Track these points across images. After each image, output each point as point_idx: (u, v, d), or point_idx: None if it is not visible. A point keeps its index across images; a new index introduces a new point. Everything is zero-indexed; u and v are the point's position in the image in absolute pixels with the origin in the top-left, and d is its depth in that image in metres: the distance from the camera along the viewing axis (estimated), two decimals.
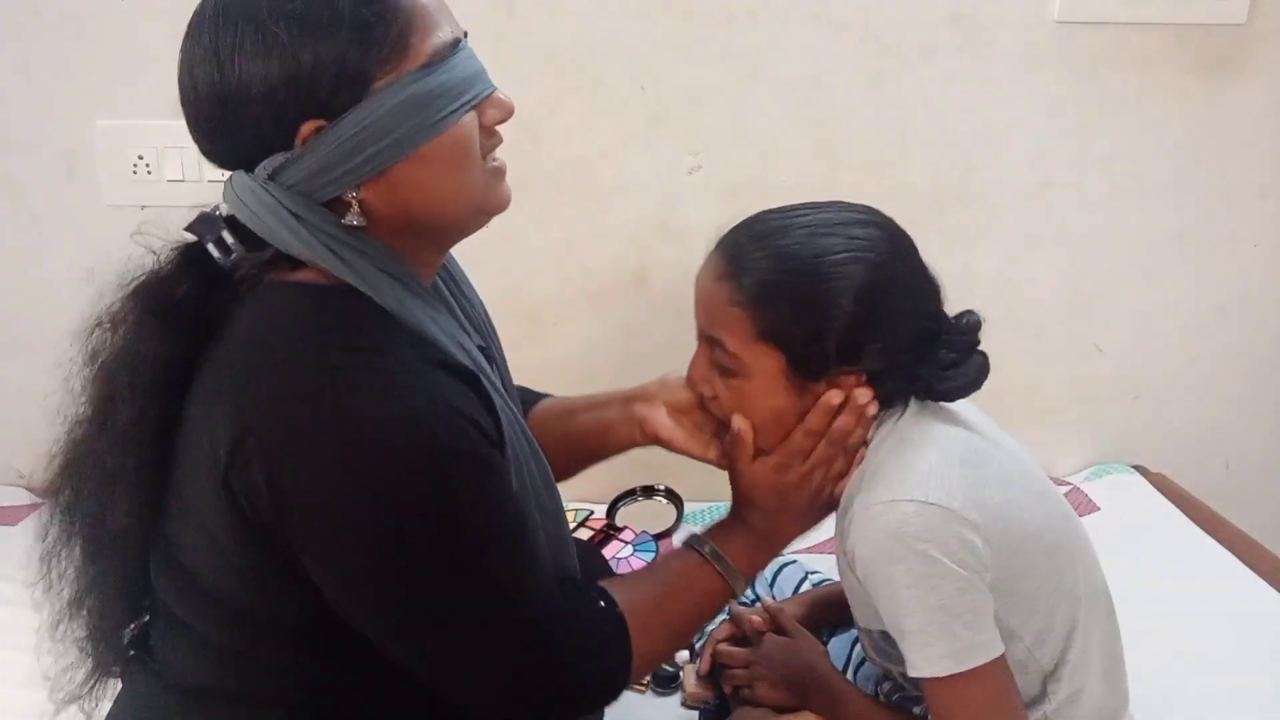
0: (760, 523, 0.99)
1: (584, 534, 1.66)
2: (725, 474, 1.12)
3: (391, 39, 0.78)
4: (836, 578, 1.36)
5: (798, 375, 0.92)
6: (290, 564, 0.79)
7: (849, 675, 1.19)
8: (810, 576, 1.37)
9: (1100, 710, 0.97)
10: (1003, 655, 0.88)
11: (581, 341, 1.80)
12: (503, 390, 0.95)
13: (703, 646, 1.26)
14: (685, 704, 1.25)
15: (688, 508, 1.75)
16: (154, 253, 0.84)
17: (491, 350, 1.01)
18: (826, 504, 0.99)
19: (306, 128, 0.78)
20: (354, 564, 0.78)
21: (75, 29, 1.64)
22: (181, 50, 0.81)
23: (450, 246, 0.93)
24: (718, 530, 1.00)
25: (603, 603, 0.90)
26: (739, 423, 0.97)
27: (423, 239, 0.86)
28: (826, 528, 1.67)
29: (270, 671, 0.86)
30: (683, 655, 1.33)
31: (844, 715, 1.04)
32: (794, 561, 1.41)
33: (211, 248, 0.83)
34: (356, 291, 0.80)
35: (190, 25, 0.80)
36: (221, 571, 0.82)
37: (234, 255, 0.82)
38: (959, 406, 0.98)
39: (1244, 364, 1.91)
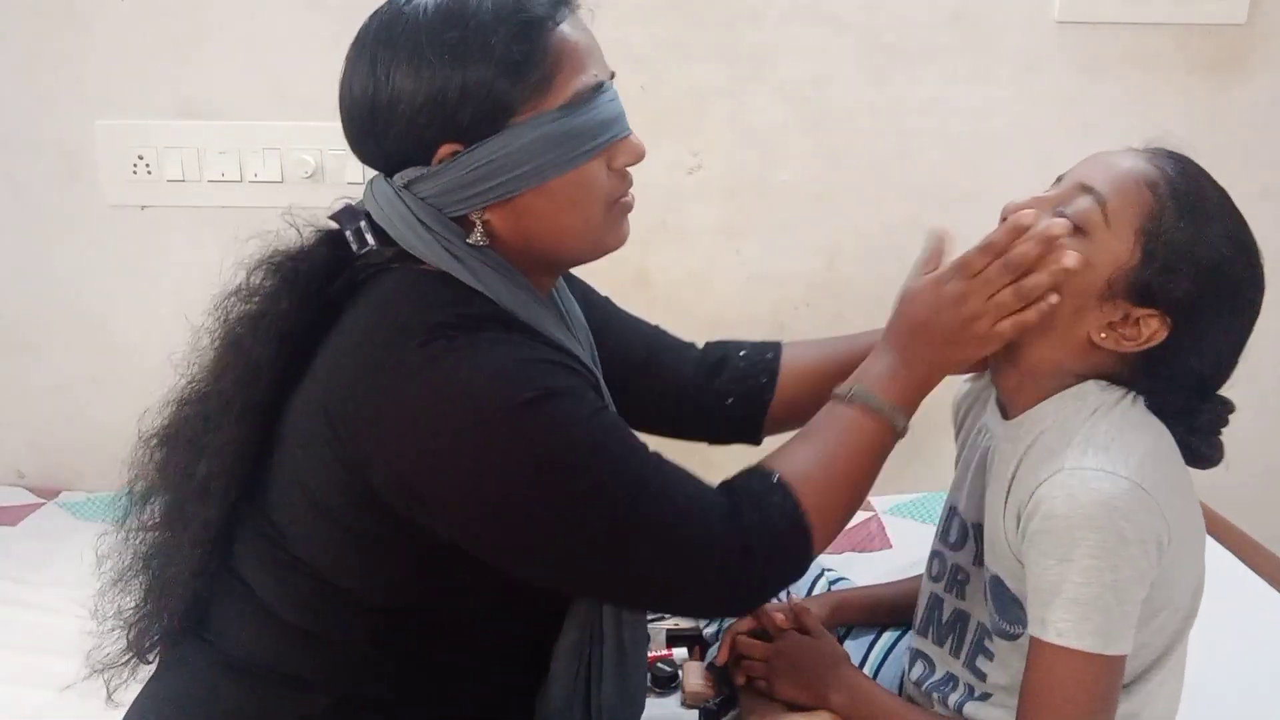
0: (898, 339, 0.91)
1: None
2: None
3: (537, 78, 0.82)
4: (850, 576, 1.36)
5: (1124, 282, 0.87)
6: (399, 531, 0.82)
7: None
8: (826, 574, 1.37)
9: None
10: (1125, 657, 0.87)
11: None
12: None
13: (714, 636, 1.26)
14: (685, 703, 1.25)
15: None
16: (299, 231, 0.91)
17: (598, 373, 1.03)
18: (981, 339, 0.88)
19: (444, 149, 0.83)
20: (489, 521, 0.80)
21: (76, 29, 1.64)
22: (346, 59, 0.87)
23: (565, 270, 0.98)
24: (864, 366, 0.92)
25: (764, 478, 0.88)
26: (937, 231, 0.93)
27: (538, 263, 0.91)
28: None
29: (330, 654, 0.88)
30: (681, 654, 1.33)
31: (868, 713, 1.04)
32: None
33: (349, 236, 0.89)
34: (470, 286, 0.85)
35: (357, 38, 0.86)
36: (321, 538, 0.85)
37: (367, 247, 0.88)
38: None
39: (1244, 364, 1.90)
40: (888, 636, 1.22)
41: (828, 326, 1.91)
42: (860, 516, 1.74)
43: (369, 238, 0.88)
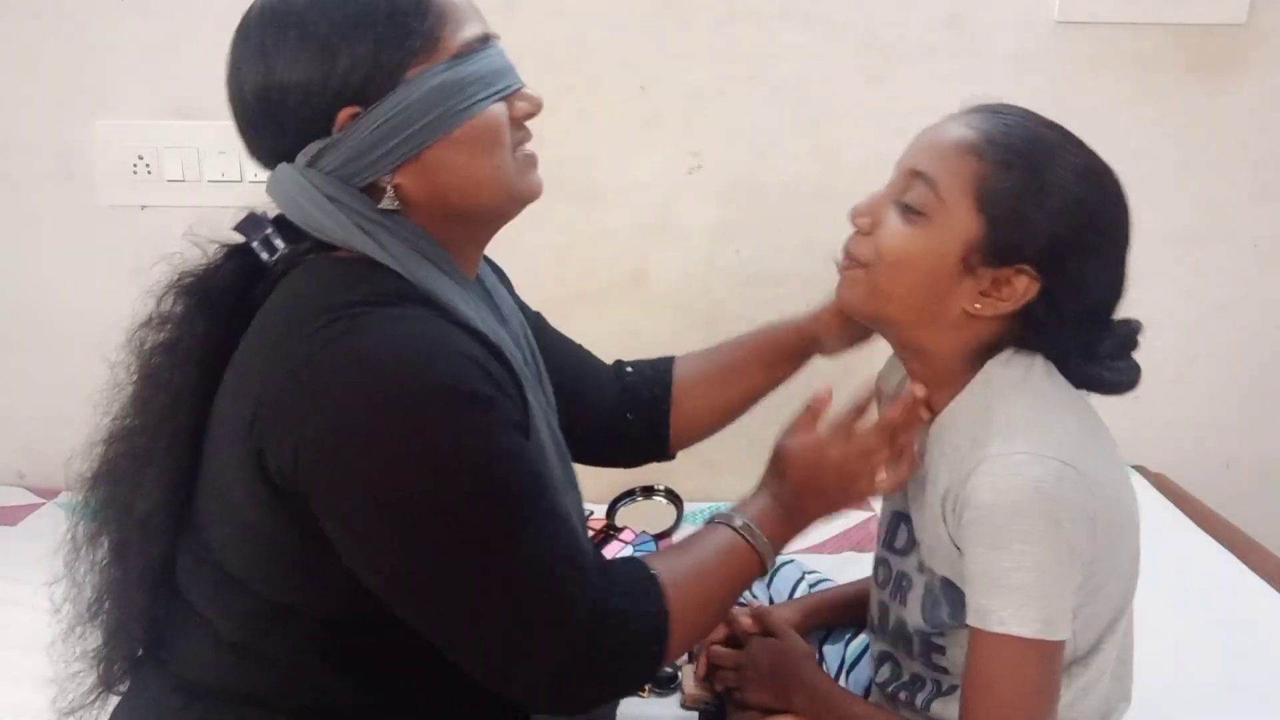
0: (785, 496, 0.96)
1: None
2: (725, 476, 1.12)
3: (423, 32, 0.83)
4: (833, 578, 1.37)
5: (980, 252, 0.87)
6: (317, 536, 0.80)
7: (843, 679, 1.19)
8: (807, 576, 1.37)
9: (1104, 704, 0.97)
10: (1065, 641, 0.87)
11: (580, 341, 1.79)
12: (539, 388, 0.96)
13: (701, 648, 1.26)
14: (684, 705, 1.25)
15: (687, 507, 1.75)
16: (203, 251, 0.89)
17: (524, 346, 1.01)
18: (860, 494, 0.95)
19: (343, 115, 0.82)
20: (360, 511, 0.78)
21: (74, 29, 1.64)
22: (230, 52, 0.86)
23: (487, 236, 0.95)
24: (746, 504, 0.97)
25: (642, 573, 0.86)
26: (822, 391, 0.97)
27: (458, 225, 0.89)
28: (827, 526, 1.68)
29: (282, 672, 0.86)
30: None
31: (828, 716, 1.04)
32: (791, 561, 1.41)
33: (257, 247, 0.87)
34: (385, 266, 0.83)
35: (239, 28, 0.86)
36: (247, 553, 0.84)
37: (279, 253, 0.87)
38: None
39: (1243, 364, 1.90)
40: (863, 637, 1.22)
41: None
42: (859, 516, 1.74)
43: (277, 243, 0.86)
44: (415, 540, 0.78)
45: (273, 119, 0.84)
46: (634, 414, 1.13)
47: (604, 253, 1.77)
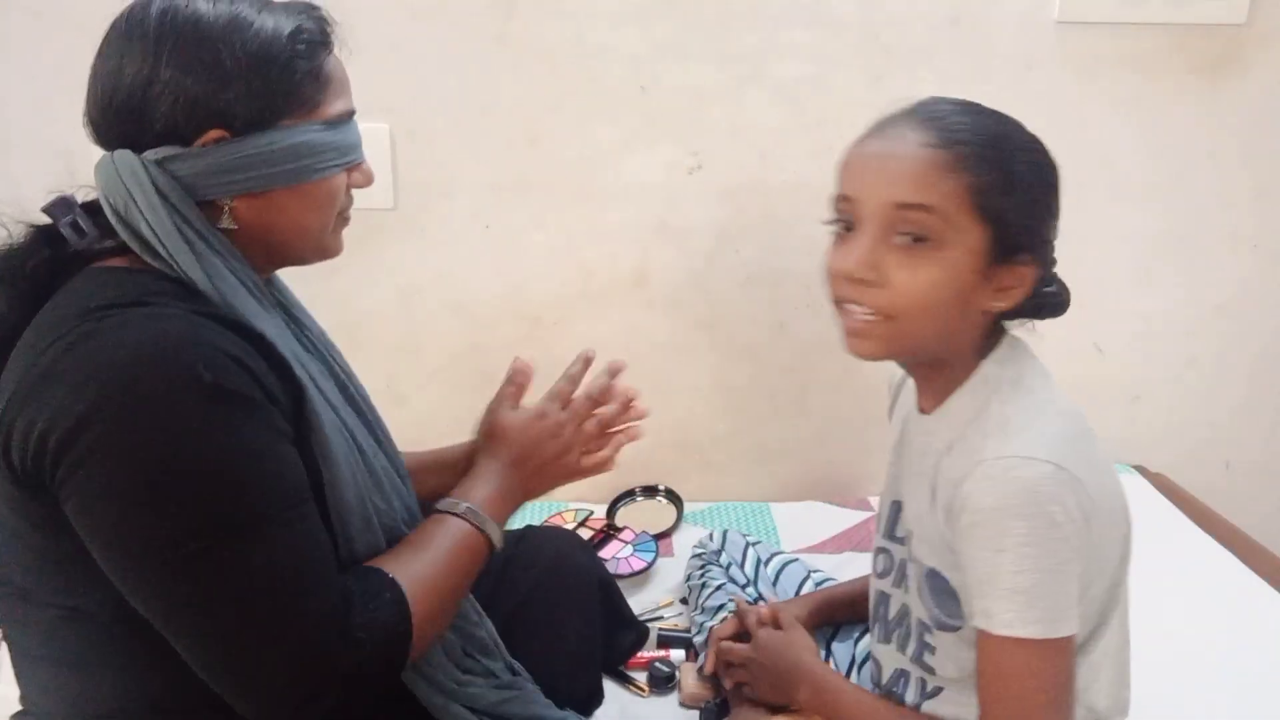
0: (503, 473, 1.01)
1: (585, 534, 1.66)
2: (725, 477, 1.12)
3: (309, 93, 0.90)
4: (837, 577, 1.37)
5: (992, 255, 0.89)
6: (70, 535, 0.78)
7: (853, 677, 1.19)
8: (812, 575, 1.37)
9: (1096, 715, 0.97)
10: (1074, 636, 0.88)
11: (581, 341, 1.77)
12: (340, 394, 0.97)
13: (704, 644, 1.26)
14: (684, 704, 1.25)
15: (687, 508, 1.75)
16: (7, 230, 0.91)
17: (334, 369, 1.02)
18: (569, 471, 1.04)
19: (212, 134, 0.86)
20: (96, 506, 0.76)
21: (75, 29, 1.64)
22: (115, 37, 0.89)
23: (276, 268, 0.99)
24: (469, 487, 1.00)
25: (383, 588, 0.86)
26: (520, 363, 1.07)
27: (263, 256, 0.93)
28: (828, 526, 1.69)
29: (104, 683, 0.85)
30: (679, 655, 1.33)
31: (832, 706, 1.04)
32: (796, 560, 1.42)
33: (66, 229, 0.89)
34: (160, 273, 0.84)
35: (130, 17, 0.88)
36: (20, 558, 0.83)
37: (86, 238, 0.88)
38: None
39: (1244, 364, 1.91)
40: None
41: (828, 326, 1.91)
42: (859, 516, 1.74)
43: (85, 226, 0.88)
44: (147, 536, 0.76)
45: (143, 113, 0.86)
46: None
47: (605, 253, 1.77)
